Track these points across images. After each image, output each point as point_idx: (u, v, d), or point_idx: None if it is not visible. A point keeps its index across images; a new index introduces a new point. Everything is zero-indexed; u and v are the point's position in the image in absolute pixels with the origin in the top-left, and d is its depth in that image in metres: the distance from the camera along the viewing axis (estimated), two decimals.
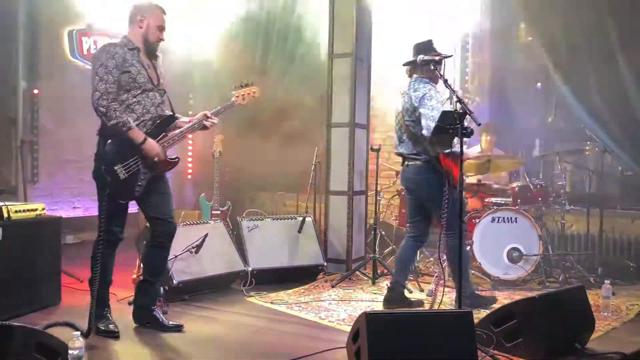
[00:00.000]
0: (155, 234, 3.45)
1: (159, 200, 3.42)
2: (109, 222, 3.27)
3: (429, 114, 3.72)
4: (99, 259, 3.28)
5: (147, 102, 3.32)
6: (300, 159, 6.32)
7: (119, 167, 3.19)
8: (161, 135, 3.35)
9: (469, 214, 5.24)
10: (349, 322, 3.66)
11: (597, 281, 4.81)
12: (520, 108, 6.68)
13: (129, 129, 3.19)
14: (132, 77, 3.24)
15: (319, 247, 5.07)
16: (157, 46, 3.42)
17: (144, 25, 3.33)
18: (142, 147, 3.23)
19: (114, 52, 3.21)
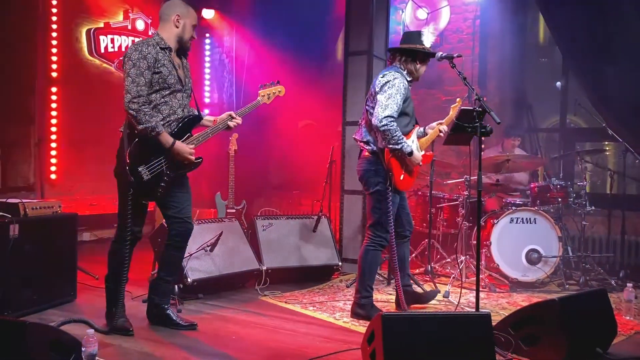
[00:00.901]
0: (173, 234, 3.43)
1: (179, 200, 3.41)
2: (128, 221, 3.26)
3: (384, 102, 3.59)
4: (118, 258, 3.28)
5: (174, 103, 3.30)
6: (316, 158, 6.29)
7: (143, 168, 3.18)
8: (186, 136, 3.33)
9: (487, 214, 5.17)
10: (364, 323, 3.62)
11: (618, 284, 4.71)
12: (540, 106, 6.59)
13: (158, 134, 3.17)
14: (163, 78, 3.22)
15: (334, 246, 5.03)
16: (190, 45, 3.41)
17: (180, 25, 3.32)
18: (172, 149, 3.21)
19: (147, 52, 3.18)
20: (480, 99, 3.14)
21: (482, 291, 4.51)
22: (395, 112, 3.60)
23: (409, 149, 3.62)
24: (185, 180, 3.46)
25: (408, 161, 3.68)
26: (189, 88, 3.43)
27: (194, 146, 3.34)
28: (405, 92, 3.70)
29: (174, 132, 3.29)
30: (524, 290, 4.68)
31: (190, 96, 3.45)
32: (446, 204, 5.40)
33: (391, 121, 3.57)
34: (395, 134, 3.57)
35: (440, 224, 5.46)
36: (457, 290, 4.38)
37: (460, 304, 4.07)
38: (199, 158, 3.38)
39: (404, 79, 3.72)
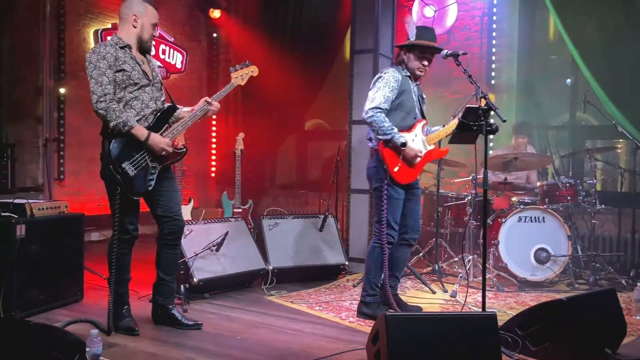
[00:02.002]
0: (164, 233, 3.43)
1: (167, 198, 3.40)
2: (122, 220, 3.27)
3: (371, 95, 3.63)
4: (115, 258, 3.29)
5: (144, 97, 3.30)
6: (323, 157, 6.28)
7: (127, 164, 3.18)
8: (164, 128, 3.33)
9: (495, 213, 5.12)
10: (370, 323, 3.60)
11: (629, 283, 4.65)
12: (549, 103, 6.52)
13: (131, 128, 3.17)
14: (127, 75, 3.21)
15: (340, 246, 5.01)
16: (151, 43, 3.39)
17: (138, 25, 3.30)
18: (147, 143, 3.21)
19: (105, 52, 3.17)
20: (485, 96, 3.11)
21: (490, 290, 4.49)
22: (382, 103, 3.61)
23: (401, 140, 3.58)
24: (171, 179, 3.46)
25: (404, 152, 3.63)
26: (158, 81, 3.41)
27: (171, 137, 3.31)
28: (398, 86, 3.67)
29: (151, 124, 3.29)
30: (532, 289, 4.63)
31: (160, 90, 3.44)
32: (454, 203, 5.36)
33: (377, 112, 3.59)
34: (382, 124, 3.57)
35: (447, 223, 5.42)
36: (464, 289, 4.34)
37: (467, 303, 4.04)
38: (183, 148, 3.37)
39: (398, 73, 3.71)
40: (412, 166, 3.72)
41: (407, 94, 3.73)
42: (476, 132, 3.15)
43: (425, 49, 3.71)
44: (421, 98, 3.92)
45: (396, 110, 3.70)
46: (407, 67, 3.76)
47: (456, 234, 5.59)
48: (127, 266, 3.41)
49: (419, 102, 3.85)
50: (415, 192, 3.86)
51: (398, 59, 3.80)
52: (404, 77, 3.73)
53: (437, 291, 4.54)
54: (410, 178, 3.73)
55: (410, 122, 3.75)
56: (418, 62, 3.73)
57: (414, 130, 3.74)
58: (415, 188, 3.85)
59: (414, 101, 3.78)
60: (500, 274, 4.83)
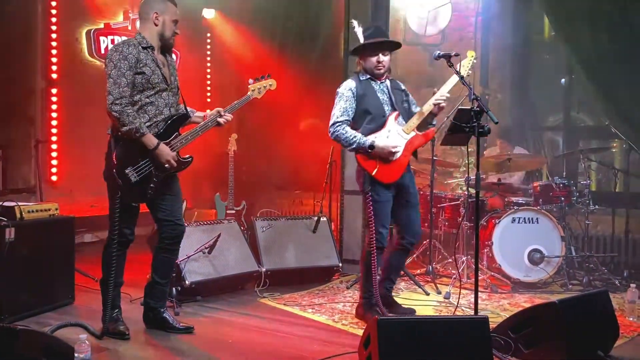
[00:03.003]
0: (164, 236, 3.40)
1: (170, 202, 3.37)
2: (120, 224, 3.24)
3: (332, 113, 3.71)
4: (110, 261, 3.26)
5: (160, 103, 3.26)
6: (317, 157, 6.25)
7: (130, 170, 3.15)
8: (174, 135, 3.29)
9: (489, 213, 5.11)
10: (362, 325, 3.59)
11: (622, 284, 4.65)
12: (543, 104, 6.52)
13: (142, 135, 3.13)
14: (146, 78, 3.18)
15: (334, 247, 4.99)
16: (173, 41, 3.35)
17: (159, 22, 3.25)
18: (155, 152, 3.17)
19: (127, 53, 3.13)
20: (478, 98, 3.10)
21: (483, 292, 4.48)
22: (340, 117, 3.63)
23: (366, 143, 3.54)
24: (174, 182, 3.42)
25: (377, 154, 3.57)
26: (175, 86, 3.38)
27: (179, 147, 3.28)
28: (354, 94, 3.66)
29: (161, 131, 3.25)
30: (526, 290, 4.63)
31: (177, 94, 3.40)
32: (447, 204, 5.35)
33: (337, 127, 3.62)
34: (343, 136, 3.59)
35: (441, 224, 5.41)
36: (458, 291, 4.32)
37: (461, 305, 4.03)
38: (189, 158, 3.34)
39: (353, 81, 3.71)
40: (393, 163, 3.60)
41: (370, 97, 3.67)
42: (468, 133, 3.14)
43: (374, 46, 3.66)
44: (398, 92, 3.80)
45: (363, 115, 3.67)
46: (366, 69, 3.72)
47: (450, 235, 5.58)
48: (121, 269, 3.39)
49: (392, 97, 3.73)
50: (412, 201, 3.75)
51: (357, 67, 3.79)
52: (363, 82, 3.69)
53: (430, 292, 4.53)
54: (395, 175, 3.62)
55: (380, 121, 3.66)
56: (373, 61, 3.67)
57: (386, 126, 3.64)
58: (408, 192, 3.74)
59: (379, 100, 3.69)
60: (494, 275, 4.82)
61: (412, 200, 3.78)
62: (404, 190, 3.73)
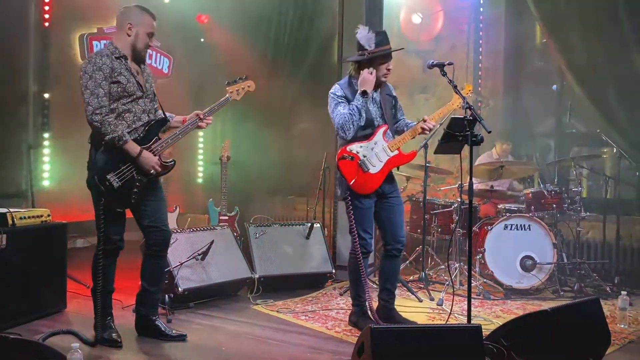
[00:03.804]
0: (151, 243, 3.40)
1: (154, 208, 3.37)
2: (107, 231, 3.23)
3: None
4: (100, 269, 3.25)
5: (137, 109, 3.28)
6: (310, 162, 6.25)
7: (112, 176, 3.15)
8: (153, 140, 3.30)
9: (482, 220, 5.14)
10: (356, 333, 3.59)
11: (613, 291, 4.68)
12: (535, 110, 6.56)
13: (125, 143, 3.15)
14: (122, 87, 3.19)
15: (327, 253, 4.99)
16: (145, 52, 3.36)
17: (132, 34, 3.26)
18: (138, 160, 3.18)
19: (101, 63, 3.15)
20: (471, 107, 3.12)
21: (476, 298, 4.50)
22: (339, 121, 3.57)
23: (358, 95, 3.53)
24: (157, 188, 3.43)
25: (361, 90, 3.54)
26: (151, 93, 3.39)
27: (160, 150, 3.28)
28: (342, 100, 3.61)
29: (140, 136, 3.26)
30: (518, 297, 4.65)
31: (154, 100, 3.42)
32: (440, 210, 5.37)
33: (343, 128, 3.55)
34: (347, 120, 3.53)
35: (434, 230, 5.42)
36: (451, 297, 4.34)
37: (454, 312, 4.04)
38: (171, 161, 3.35)
39: (340, 90, 3.65)
40: (371, 176, 3.58)
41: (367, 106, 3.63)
42: (461, 142, 3.16)
43: (390, 54, 3.64)
44: (388, 98, 3.78)
45: None
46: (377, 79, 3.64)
47: (443, 241, 5.60)
48: (111, 277, 3.37)
49: (383, 107, 3.70)
50: (392, 202, 3.72)
51: (356, 73, 3.68)
52: (353, 92, 3.62)
53: (423, 299, 4.54)
54: (371, 188, 3.60)
55: (368, 132, 3.64)
56: (383, 69, 3.64)
57: (374, 139, 3.62)
58: (389, 197, 3.71)
59: (369, 112, 3.65)
60: (487, 282, 4.84)
61: (393, 206, 3.72)
62: (385, 197, 3.71)
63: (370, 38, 3.62)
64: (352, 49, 5.25)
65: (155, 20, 3.35)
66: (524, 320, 3.09)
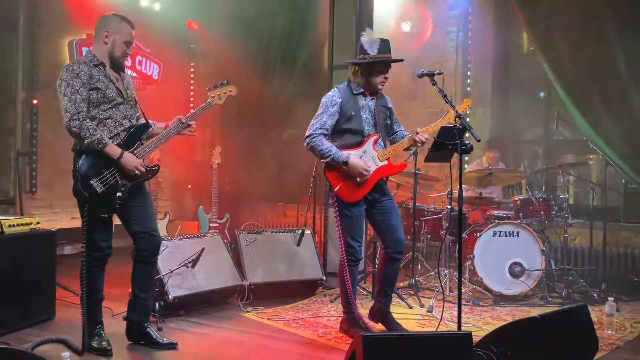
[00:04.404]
0: (141, 249, 3.39)
1: (142, 213, 3.37)
2: (94, 238, 3.23)
3: (311, 122, 3.64)
4: (87, 277, 3.23)
5: (118, 116, 3.29)
6: (301, 169, 6.26)
7: (95, 181, 3.15)
8: (136, 145, 3.31)
9: (471, 227, 5.18)
10: (347, 340, 3.60)
11: (600, 297, 4.73)
12: (523, 118, 6.63)
13: (105, 146, 3.16)
14: (102, 93, 3.21)
15: (318, 260, 5.00)
16: (123, 60, 3.37)
17: (109, 41, 3.28)
18: (120, 162, 3.19)
19: (79, 71, 3.17)
20: (460, 116, 3.16)
21: (465, 305, 4.52)
22: (318, 129, 3.58)
23: (342, 158, 3.51)
24: (144, 194, 3.43)
25: (347, 171, 3.54)
26: (132, 99, 3.41)
27: (143, 155, 3.29)
28: (337, 110, 3.60)
29: (122, 141, 3.27)
30: (507, 303, 4.69)
31: (135, 107, 3.43)
32: (430, 217, 5.40)
33: (313, 138, 3.56)
34: (319, 148, 3.54)
35: (424, 237, 5.46)
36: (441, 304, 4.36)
37: (444, 318, 4.06)
38: (155, 166, 3.36)
39: (339, 96, 3.62)
40: (358, 184, 3.57)
41: (354, 114, 3.62)
42: (451, 151, 3.19)
43: (390, 63, 3.65)
44: (383, 109, 3.76)
45: (343, 131, 3.63)
46: (369, 83, 3.66)
47: (432, 248, 5.63)
48: (100, 285, 3.36)
49: (376, 116, 3.69)
50: (385, 205, 3.70)
51: (356, 77, 3.67)
52: (350, 97, 3.63)
53: (413, 306, 4.56)
54: (355, 196, 3.59)
55: (358, 139, 3.64)
56: (381, 77, 3.65)
57: (363, 147, 3.62)
58: (382, 201, 3.70)
59: (362, 120, 3.65)
60: (476, 288, 4.87)
61: (387, 209, 3.71)
62: (377, 202, 3.70)
63: (374, 43, 3.61)
64: (343, 57, 5.35)
65: (134, 29, 3.37)
66: (513, 327, 3.11)
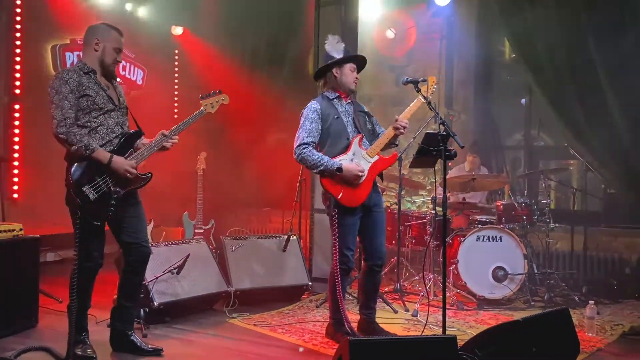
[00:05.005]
0: (131, 260, 3.38)
1: (134, 224, 3.36)
2: (86, 247, 3.20)
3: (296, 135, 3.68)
4: (78, 286, 3.21)
5: (110, 122, 3.29)
6: (286, 174, 6.28)
7: (88, 188, 3.14)
8: (128, 152, 3.31)
9: (454, 232, 5.23)
10: (333, 345, 3.61)
11: (581, 300, 4.81)
12: (505, 123, 6.73)
13: (92, 151, 3.15)
14: (92, 100, 3.20)
15: (303, 266, 5.01)
16: (114, 68, 3.38)
17: (99, 49, 3.29)
18: (110, 166, 3.18)
19: (68, 78, 3.17)
20: (444, 123, 3.21)
21: (450, 309, 4.57)
22: (306, 138, 3.61)
23: (335, 165, 3.54)
24: (137, 204, 3.42)
25: (343, 177, 3.56)
26: (124, 107, 3.41)
27: (136, 161, 3.29)
28: (318, 115, 3.64)
29: (115, 148, 3.27)
30: (491, 307, 4.74)
31: (126, 114, 3.43)
32: (414, 222, 5.45)
33: (302, 149, 3.59)
34: (310, 158, 3.57)
35: (408, 242, 5.50)
36: (426, 308, 4.40)
37: (429, 323, 4.10)
38: (148, 173, 3.35)
39: (317, 103, 3.68)
40: (358, 186, 3.61)
41: (335, 119, 3.66)
42: (435, 157, 3.24)
43: (356, 59, 3.72)
44: (361, 114, 3.81)
45: (326, 138, 3.67)
46: (341, 83, 3.70)
47: (417, 252, 5.68)
48: (89, 294, 3.34)
49: (355, 120, 3.73)
50: (376, 217, 3.73)
51: (324, 86, 3.76)
52: (327, 103, 3.69)
53: (398, 310, 4.59)
54: (359, 199, 3.62)
55: (344, 143, 3.66)
56: (353, 76, 3.71)
57: (351, 150, 3.65)
58: (374, 212, 3.72)
59: (343, 123, 3.69)
60: (460, 292, 4.93)
61: (376, 220, 3.75)
62: (370, 211, 3.73)
63: (340, 48, 3.70)
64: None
65: (122, 36, 3.39)
66: (497, 331, 3.16)
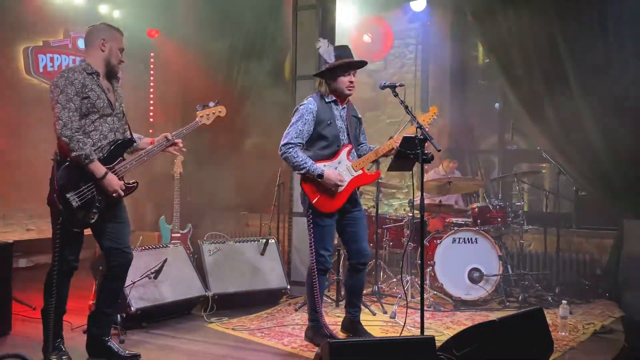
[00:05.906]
0: (112, 265, 3.34)
1: (116, 229, 3.32)
2: (63, 251, 3.15)
3: (286, 131, 3.68)
4: (54, 290, 3.16)
5: (104, 128, 3.25)
6: (263, 178, 6.28)
7: (72, 195, 3.09)
8: (117, 160, 3.27)
9: (431, 234, 5.30)
10: (312, 348, 3.62)
11: (555, 300, 4.90)
12: (479, 127, 6.85)
13: (91, 162, 3.11)
14: (92, 102, 3.17)
15: (282, 269, 5.01)
16: (118, 68, 3.36)
17: (106, 49, 3.27)
18: (102, 182, 3.14)
19: (73, 78, 3.13)
20: (421, 127, 3.25)
21: (427, 311, 4.61)
22: (294, 138, 3.62)
23: (317, 171, 3.56)
24: (120, 209, 3.39)
25: (322, 182, 3.59)
26: (120, 112, 3.38)
27: (124, 171, 3.26)
28: (313, 118, 3.64)
29: (105, 155, 3.23)
30: (467, 308, 4.81)
31: (122, 120, 3.40)
32: (392, 225, 5.50)
33: (288, 148, 3.60)
34: (294, 159, 3.58)
35: (386, 244, 5.55)
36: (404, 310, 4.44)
37: (407, 324, 4.13)
38: (134, 183, 3.32)
39: (314, 104, 3.67)
40: (334, 195, 3.63)
41: (329, 123, 3.67)
42: (413, 160, 3.28)
43: (350, 65, 3.69)
44: (353, 120, 3.82)
45: (317, 140, 3.68)
46: (335, 89, 3.70)
47: (394, 255, 5.73)
48: (64, 298, 3.29)
49: (348, 126, 3.75)
50: (355, 216, 3.77)
51: (321, 87, 3.75)
52: (324, 106, 3.69)
53: (376, 312, 4.62)
54: (333, 207, 3.65)
55: (334, 150, 3.69)
56: (346, 81, 3.69)
57: (338, 158, 3.68)
58: (352, 212, 3.75)
59: (337, 128, 3.70)
60: (437, 294, 4.98)
61: (356, 220, 3.77)
62: (347, 211, 3.75)
63: (330, 52, 3.70)
64: (306, 67, 5.42)
65: (123, 36, 3.37)
66: (473, 331, 3.20)
